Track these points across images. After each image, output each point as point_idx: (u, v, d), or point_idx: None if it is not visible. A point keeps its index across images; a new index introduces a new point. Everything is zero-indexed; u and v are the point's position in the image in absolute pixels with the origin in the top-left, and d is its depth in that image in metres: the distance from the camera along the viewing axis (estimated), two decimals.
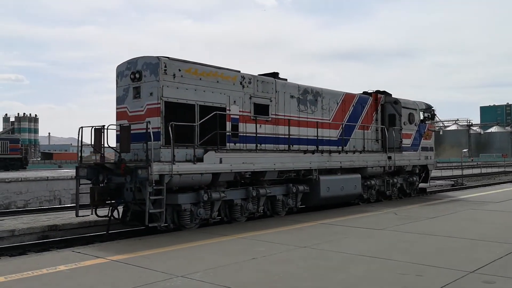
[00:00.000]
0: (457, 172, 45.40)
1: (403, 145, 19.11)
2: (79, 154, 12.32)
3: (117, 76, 12.65)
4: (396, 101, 19.21)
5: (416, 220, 12.99)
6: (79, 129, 12.38)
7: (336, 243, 9.69)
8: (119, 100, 12.55)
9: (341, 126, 16.72)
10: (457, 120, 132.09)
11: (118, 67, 12.64)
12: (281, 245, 9.49)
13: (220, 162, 12.19)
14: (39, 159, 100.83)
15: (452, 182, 35.09)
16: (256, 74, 14.45)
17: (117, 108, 12.62)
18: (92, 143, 12.08)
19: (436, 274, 7.12)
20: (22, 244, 11.73)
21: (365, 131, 17.75)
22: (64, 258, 8.37)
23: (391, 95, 19.68)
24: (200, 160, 11.81)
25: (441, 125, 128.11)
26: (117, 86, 12.64)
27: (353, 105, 17.64)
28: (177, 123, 11.33)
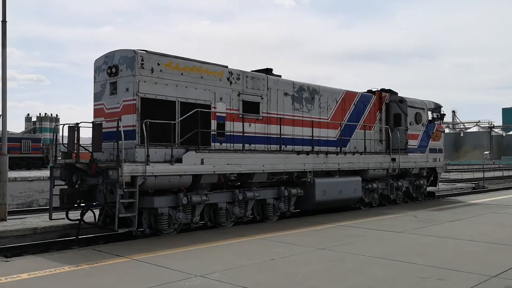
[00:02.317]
0: (479, 175, 44.43)
1: (409, 147, 18.02)
2: (54, 154, 11.64)
3: (95, 71, 11.94)
4: (402, 100, 18.14)
5: (436, 223, 12.76)
6: (54, 127, 11.72)
7: (355, 245, 9.58)
8: (97, 97, 11.84)
9: (340, 126, 15.76)
10: (479, 121, 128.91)
11: (96, 61, 11.94)
12: (299, 246, 9.48)
13: (202, 163, 11.38)
14: (59, 158, 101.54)
15: (473, 185, 34.19)
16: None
17: (94, 105, 11.92)
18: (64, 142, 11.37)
19: (457, 278, 7.02)
20: (44, 242, 11.47)
21: (367, 131, 16.74)
22: (85, 256, 8.54)
23: (397, 93, 18.62)
24: (180, 160, 11.02)
25: (461, 126, 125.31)
26: (94, 82, 11.94)
27: (354, 104, 16.65)
28: (153, 121, 10.57)
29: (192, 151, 11.23)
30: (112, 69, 11.28)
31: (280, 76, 14.58)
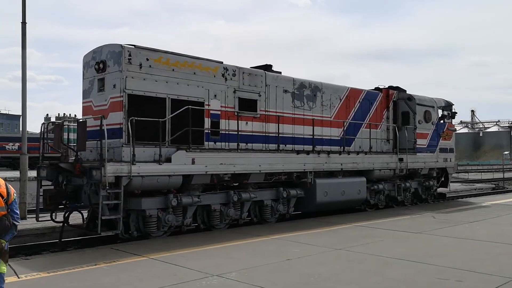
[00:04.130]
0: (498, 175, 43.67)
1: (417, 146, 17.26)
2: (41, 152, 11.25)
3: (83, 67, 11.52)
4: (410, 98, 17.39)
5: (455, 224, 12.51)
6: (42, 125, 11.34)
7: (372, 246, 9.43)
8: (85, 94, 11.42)
9: (344, 125, 15.11)
10: (498, 121, 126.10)
11: (85, 57, 11.51)
12: (315, 246, 9.37)
13: (193, 162, 10.86)
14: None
15: (493, 186, 33.44)
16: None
17: (83, 103, 11.49)
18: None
19: (477, 280, 6.88)
20: (63, 241, 11.18)
21: (373, 130, 16.04)
22: (103, 255, 8.54)
23: (405, 91, 17.86)
24: (169, 160, 10.52)
25: (480, 126, 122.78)
26: (83, 78, 11.51)
27: (359, 102, 15.98)
28: (140, 119, 10.08)
29: (182, 150, 10.72)
30: (100, 64, 10.84)
31: (280, 72, 14.00)
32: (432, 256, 8.48)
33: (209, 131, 11.76)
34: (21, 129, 14.12)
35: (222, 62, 12.28)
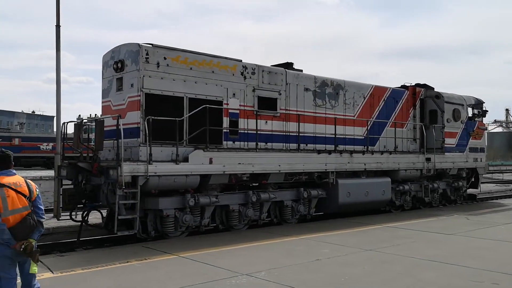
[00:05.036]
0: None
1: (445, 145, 16.69)
2: (61, 152, 11.34)
3: (103, 67, 11.55)
4: (438, 95, 16.83)
5: (490, 225, 12.25)
6: (62, 125, 11.44)
7: (404, 247, 9.29)
8: (104, 93, 11.45)
9: (368, 123, 14.72)
10: None
11: (104, 56, 11.54)
12: (345, 247, 9.29)
13: (210, 162, 10.73)
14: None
15: None
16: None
17: (102, 102, 11.53)
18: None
19: None
20: (95, 238, 11.58)
21: (398, 129, 15.58)
22: (135, 253, 8.66)
23: (433, 88, 17.31)
24: (187, 160, 10.42)
25: None
26: (102, 78, 11.55)
27: (384, 100, 15.55)
28: (157, 118, 10.01)
29: (199, 150, 10.61)
30: (118, 64, 10.83)
31: (301, 70, 13.73)
32: (467, 258, 8.32)
33: (228, 131, 11.62)
34: (55, 130, 14.33)
35: (241, 60, 12.12)
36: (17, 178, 4.85)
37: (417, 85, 17.22)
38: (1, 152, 4.94)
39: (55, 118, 14.44)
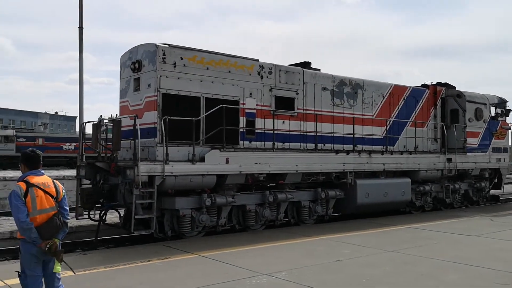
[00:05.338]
0: None
1: (467, 145, 16.36)
2: (80, 152, 11.46)
3: (121, 67, 11.65)
4: (460, 94, 16.50)
5: None
6: (81, 125, 11.55)
7: (426, 248, 9.17)
8: (122, 94, 11.54)
9: (387, 123, 14.52)
10: None
11: (122, 57, 11.62)
12: (366, 248, 9.20)
13: (227, 162, 10.71)
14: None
15: None
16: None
17: (120, 102, 11.62)
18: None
19: None
20: (116, 238, 11.72)
21: (418, 128, 15.32)
22: (156, 252, 8.74)
23: (454, 87, 16.99)
24: (203, 159, 10.42)
25: None
26: (120, 78, 11.64)
27: (404, 99, 15.32)
28: (173, 118, 10.03)
29: (216, 150, 10.60)
30: (135, 64, 10.90)
31: (319, 69, 13.62)
32: (491, 260, 8.17)
33: (244, 130, 11.58)
34: (77, 130, 14.45)
35: (258, 60, 12.07)
36: (46, 178, 4.89)
37: (438, 84, 16.92)
38: (32, 152, 4.96)
39: (77, 118, 14.61)
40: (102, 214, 10.71)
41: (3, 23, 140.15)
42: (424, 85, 16.69)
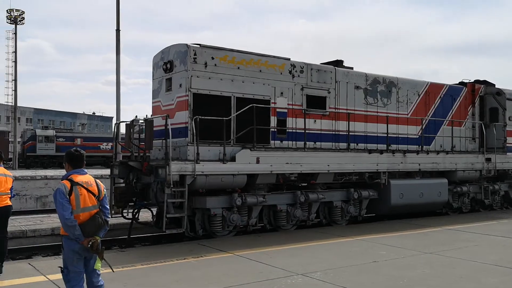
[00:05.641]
0: None
1: (508, 145, 15.78)
2: (114, 151, 11.66)
3: (153, 68, 11.78)
4: (499, 92, 15.92)
5: None
6: (115, 125, 11.76)
7: (466, 251, 9.00)
8: (154, 94, 11.67)
9: (422, 122, 14.14)
10: None
11: (154, 57, 11.76)
12: (404, 249, 9.07)
13: (257, 162, 10.67)
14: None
15: None
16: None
17: (152, 103, 11.77)
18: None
19: None
20: (152, 236, 11.89)
21: (456, 127, 14.89)
22: (191, 250, 8.88)
23: (494, 85, 16.40)
24: (234, 159, 10.41)
25: None
26: (152, 79, 11.78)
27: (440, 97, 14.90)
28: (204, 117, 10.06)
29: (246, 149, 10.57)
30: (167, 64, 11.00)
31: (351, 68, 13.41)
32: None
33: (275, 130, 11.52)
34: (114, 130, 14.75)
35: (289, 59, 11.98)
36: (88, 177, 5.00)
37: (476, 81, 16.38)
38: (76, 152, 5.07)
39: (113, 118, 14.96)
40: (135, 212, 10.84)
41: (44, 27, 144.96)
42: (461, 83, 16.20)
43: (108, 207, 5.09)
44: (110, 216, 5.13)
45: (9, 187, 7.57)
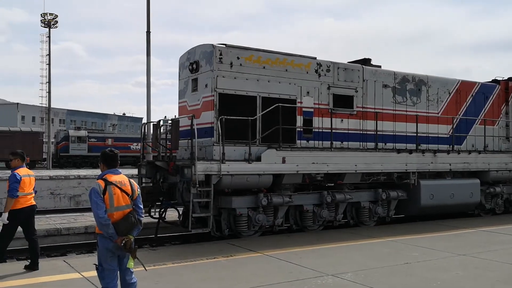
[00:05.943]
0: None
1: None
2: (142, 152, 11.80)
3: (179, 68, 11.87)
4: None
5: None
6: (141, 126, 11.89)
7: (502, 253, 8.76)
8: (181, 94, 11.75)
9: (453, 121, 13.79)
10: None
11: (180, 58, 11.84)
12: (436, 251, 8.91)
13: (283, 161, 10.60)
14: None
15: None
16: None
17: (179, 103, 11.85)
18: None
19: None
20: (182, 234, 11.98)
21: (488, 126, 14.47)
22: (221, 250, 8.94)
23: None
24: (259, 159, 10.38)
25: None
26: (179, 79, 11.86)
27: (472, 96, 14.51)
28: (229, 117, 10.06)
29: (272, 149, 10.52)
30: (193, 65, 11.06)
31: (379, 66, 13.19)
32: None
33: (301, 129, 11.42)
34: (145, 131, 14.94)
35: (315, 58, 11.87)
36: (122, 177, 5.06)
37: (510, 79, 15.86)
38: (110, 152, 5.15)
39: (143, 119, 15.20)
40: (161, 212, 10.94)
41: (76, 30, 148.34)
42: (494, 81, 15.73)
43: (142, 207, 5.13)
44: (143, 216, 5.17)
45: (33, 187, 7.78)
